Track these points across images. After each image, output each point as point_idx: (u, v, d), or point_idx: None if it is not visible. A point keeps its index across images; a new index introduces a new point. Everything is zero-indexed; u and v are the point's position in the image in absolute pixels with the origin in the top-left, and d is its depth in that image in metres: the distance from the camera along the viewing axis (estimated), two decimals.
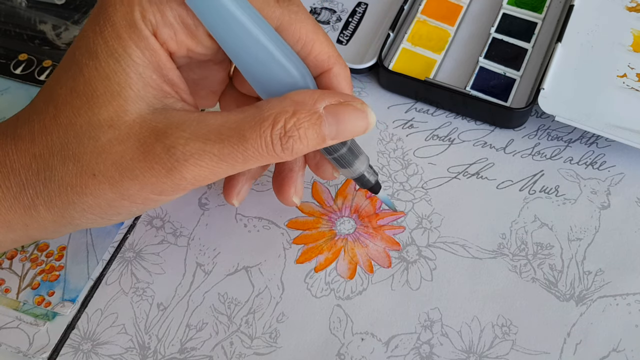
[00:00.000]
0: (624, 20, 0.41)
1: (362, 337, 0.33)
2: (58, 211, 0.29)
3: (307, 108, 0.27)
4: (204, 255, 0.36)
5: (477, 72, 0.40)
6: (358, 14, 0.44)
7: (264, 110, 0.27)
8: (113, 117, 0.27)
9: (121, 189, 0.27)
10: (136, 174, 0.27)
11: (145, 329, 0.33)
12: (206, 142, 0.26)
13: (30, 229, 0.30)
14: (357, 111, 0.28)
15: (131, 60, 0.27)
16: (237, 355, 0.32)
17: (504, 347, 0.32)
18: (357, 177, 0.33)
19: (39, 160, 0.28)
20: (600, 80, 0.39)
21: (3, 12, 0.47)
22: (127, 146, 0.27)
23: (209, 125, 0.27)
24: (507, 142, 0.39)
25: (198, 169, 0.27)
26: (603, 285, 0.33)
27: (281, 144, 0.27)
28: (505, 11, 0.43)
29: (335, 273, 0.35)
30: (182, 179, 0.27)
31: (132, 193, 0.27)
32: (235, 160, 0.27)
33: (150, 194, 0.28)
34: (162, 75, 0.28)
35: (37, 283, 0.35)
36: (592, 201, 0.36)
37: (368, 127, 0.29)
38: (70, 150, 0.27)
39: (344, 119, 0.28)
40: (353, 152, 0.31)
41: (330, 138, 0.28)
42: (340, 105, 0.28)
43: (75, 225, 0.30)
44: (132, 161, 0.27)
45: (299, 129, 0.27)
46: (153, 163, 0.27)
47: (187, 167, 0.26)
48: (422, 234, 0.36)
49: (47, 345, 0.33)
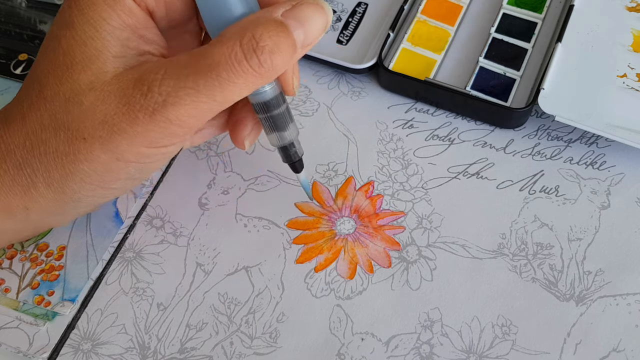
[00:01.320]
0: (624, 20, 0.41)
1: (362, 337, 0.33)
2: (58, 186, 0.29)
3: (266, 19, 0.27)
4: (204, 255, 0.36)
5: (477, 72, 0.40)
6: (358, 14, 0.44)
7: (226, 33, 0.27)
8: (92, 80, 0.27)
9: (111, 146, 0.27)
10: (123, 128, 0.27)
11: (145, 329, 0.33)
12: (179, 77, 0.26)
13: (31, 213, 0.30)
14: (313, 6, 0.28)
15: (107, 24, 0.27)
16: (237, 355, 0.32)
17: (504, 347, 0.32)
18: (286, 144, 0.32)
19: (32, 136, 0.28)
20: (600, 80, 0.39)
21: (3, 12, 0.47)
22: (109, 104, 0.27)
23: (181, 62, 0.27)
24: (507, 142, 0.39)
25: (178, 107, 0.26)
26: (603, 285, 0.33)
27: (257, 56, 0.26)
28: (505, 11, 0.43)
29: (335, 273, 0.35)
30: (167, 121, 0.27)
31: (123, 149, 0.27)
32: (212, 89, 0.26)
33: (141, 147, 0.28)
34: (140, 35, 0.28)
35: (37, 283, 0.35)
36: (592, 201, 0.36)
37: (328, 20, 0.28)
38: (59, 119, 0.28)
39: (305, 18, 0.27)
40: (289, 114, 0.31)
41: (300, 44, 0.27)
42: (296, 6, 0.27)
43: (76, 201, 0.30)
44: (117, 116, 0.27)
45: (270, 37, 0.26)
46: (135, 112, 0.27)
47: (167, 108, 0.26)
48: (422, 234, 0.36)
49: (47, 345, 0.33)
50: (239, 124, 0.33)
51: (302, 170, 0.34)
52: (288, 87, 0.31)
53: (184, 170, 0.39)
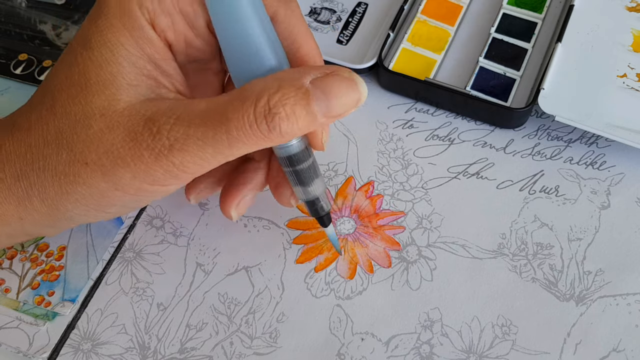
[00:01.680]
0: (624, 20, 0.41)
1: (362, 337, 0.33)
2: (52, 202, 0.29)
3: (292, 83, 0.26)
4: (204, 255, 0.36)
5: (477, 72, 0.40)
6: (358, 14, 0.44)
7: (247, 89, 0.26)
8: (105, 105, 0.27)
9: (113, 177, 0.27)
10: (127, 162, 0.27)
11: (145, 329, 0.33)
12: (190, 125, 0.26)
13: (25, 223, 0.30)
14: (346, 80, 0.26)
15: (124, 49, 0.27)
16: (237, 355, 0.32)
17: (504, 347, 0.32)
18: (312, 199, 0.31)
19: (34, 150, 0.28)
20: (600, 80, 0.39)
21: (3, 12, 0.47)
22: (116, 134, 0.27)
23: (195, 110, 0.26)
24: (507, 142, 0.39)
25: (184, 154, 0.26)
26: (603, 285, 0.33)
27: (266, 123, 0.25)
28: (505, 11, 0.43)
29: (335, 273, 0.35)
30: (171, 165, 0.26)
31: (125, 182, 0.27)
32: (219, 143, 0.26)
33: (143, 184, 0.27)
34: (157, 66, 0.28)
35: (37, 283, 0.35)
36: (592, 201, 0.36)
37: (360, 98, 0.27)
38: (64, 139, 0.27)
39: (333, 91, 0.26)
40: (315, 170, 0.31)
41: (321, 114, 0.26)
42: (327, 76, 0.26)
43: (69, 219, 0.30)
44: (122, 149, 0.27)
45: (285, 106, 0.25)
46: (142, 150, 0.26)
47: (173, 153, 0.26)
48: (422, 234, 0.36)
49: (47, 345, 0.33)
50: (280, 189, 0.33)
51: (329, 224, 0.33)
52: (316, 142, 0.30)
53: None
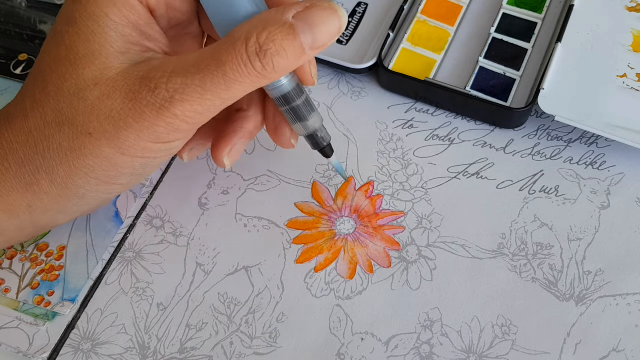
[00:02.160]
0: (624, 20, 0.41)
1: (362, 337, 0.33)
2: (62, 181, 0.29)
3: (276, 20, 0.27)
4: (204, 255, 0.36)
5: (477, 72, 0.40)
6: (358, 14, 0.44)
7: (234, 33, 0.27)
8: (97, 75, 0.27)
9: (118, 142, 0.28)
10: (130, 123, 0.27)
11: (145, 329, 0.33)
12: (187, 75, 0.27)
13: (34, 212, 0.30)
14: (327, 9, 0.28)
15: (109, 19, 0.28)
16: (237, 355, 0.32)
17: (504, 347, 0.32)
18: (311, 133, 0.33)
19: (35, 133, 0.28)
20: (600, 80, 0.39)
21: (3, 12, 0.47)
22: (115, 99, 0.27)
23: (189, 61, 0.27)
24: (507, 142, 0.39)
25: (185, 104, 0.27)
26: (603, 285, 0.33)
27: (260, 60, 0.26)
28: (505, 11, 0.43)
29: (335, 273, 0.35)
30: (173, 117, 0.27)
31: (130, 144, 0.28)
32: (218, 87, 0.27)
33: (147, 142, 0.28)
34: (143, 32, 0.29)
35: (37, 283, 0.35)
36: (592, 201, 0.36)
37: (341, 25, 0.28)
38: (64, 115, 0.28)
39: (316, 22, 0.27)
40: (309, 105, 0.32)
41: (309, 46, 0.27)
42: (308, 9, 0.28)
43: (80, 197, 0.30)
44: (123, 111, 0.27)
45: (274, 42, 0.26)
46: (143, 107, 0.27)
47: (174, 104, 0.27)
48: (422, 234, 0.36)
49: (47, 345, 0.33)
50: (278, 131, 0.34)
51: (332, 155, 0.35)
52: (306, 77, 0.32)
53: (184, 170, 0.39)
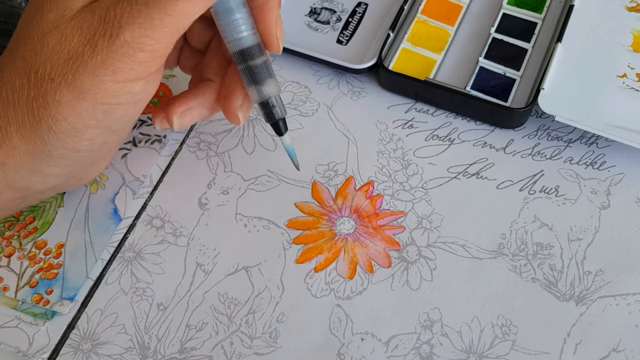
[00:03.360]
0: (624, 20, 0.41)
1: (362, 337, 0.33)
2: (29, 135, 0.29)
3: None
4: (204, 255, 0.36)
5: (477, 72, 0.40)
6: (358, 14, 0.44)
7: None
8: (58, 18, 0.28)
9: (76, 83, 0.27)
10: (85, 61, 0.27)
11: (145, 329, 0.33)
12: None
13: (7, 170, 0.30)
14: None
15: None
16: (237, 355, 0.32)
17: (504, 347, 0.32)
18: (265, 100, 0.32)
19: (8, 85, 0.29)
20: (600, 80, 0.39)
21: (3, 12, 0.47)
22: (72, 39, 0.27)
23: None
24: (507, 142, 0.39)
25: (133, 27, 0.27)
26: (603, 285, 0.33)
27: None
28: (505, 11, 0.43)
29: (335, 273, 0.34)
30: (125, 44, 0.27)
31: (88, 86, 0.27)
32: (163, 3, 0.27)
33: (105, 80, 0.28)
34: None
35: (35, 281, 0.35)
36: (592, 201, 0.36)
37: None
38: (30, 63, 0.28)
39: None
40: (268, 69, 0.32)
41: None
42: None
43: (48, 155, 0.30)
44: (80, 50, 0.27)
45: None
46: (95, 40, 0.27)
47: (122, 28, 0.27)
48: (422, 234, 0.36)
49: (47, 345, 0.33)
50: (229, 97, 0.33)
51: (285, 132, 0.34)
52: (271, 39, 0.32)
53: (184, 170, 0.39)
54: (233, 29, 0.31)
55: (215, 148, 0.39)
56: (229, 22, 0.30)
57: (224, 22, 0.31)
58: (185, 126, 0.33)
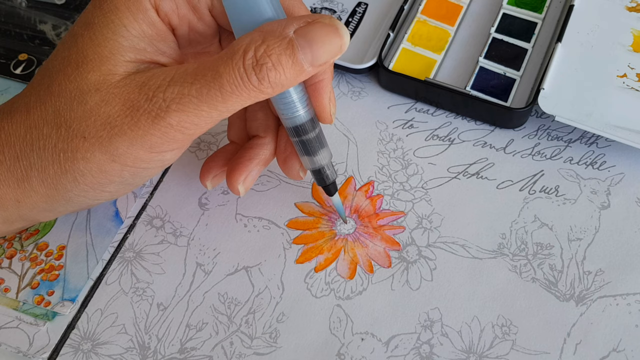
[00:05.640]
0: (624, 20, 0.41)
1: (362, 337, 0.33)
2: (51, 182, 0.29)
3: (275, 34, 0.26)
4: (204, 255, 0.36)
5: (477, 72, 0.40)
6: (358, 14, 0.44)
7: (234, 45, 0.27)
8: (100, 80, 0.27)
9: (110, 148, 0.28)
10: (124, 130, 0.27)
11: (145, 329, 0.33)
12: (184, 84, 0.26)
13: (22, 207, 0.30)
14: (328, 27, 0.27)
15: (126, 30, 0.28)
16: (237, 355, 0.32)
17: (504, 347, 0.32)
18: (318, 168, 0.33)
19: (33, 130, 0.29)
20: (600, 80, 0.39)
21: (3, 12, 0.47)
22: (113, 106, 0.27)
23: (188, 70, 0.27)
24: (507, 142, 0.39)
25: (180, 114, 0.27)
26: (603, 285, 0.33)
27: (255, 74, 0.26)
28: (505, 11, 0.43)
29: (335, 273, 0.35)
30: (168, 126, 0.27)
31: (122, 152, 0.28)
32: (214, 99, 0.26)
33: (140, 151, 0.28)
34: (157, 48, 0.29)
35: (36, 282, 0.35)
36: (592, 201, 0.36)
37: (342, 44, 0.27)
38: (62, 116, 0.28)
39: (315, 39, 0.27)
40: (320, 140, 0.32)
41: (308, 63, 0.27)
42: (309, 25, 0.27)
43: (67, 200, 0.30)
44: (119, 118, 0.27)
45: (270, 56, 0.26)
46: (138, 115, 0.27)
47: (169, 113, 0.27)
48: (422, 234, 0.36)
49: (47, 345, 0.33)
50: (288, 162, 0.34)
51: (335, 193, 0.34)
52: (324, 114, 0.31)
53: (184, 170, 0.39)
54: (289, 109, 0.30)
55: (215, 148, 0.39)
56: (285, 101, 0.30)
57: (279, 101, 0.30)
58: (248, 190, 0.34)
